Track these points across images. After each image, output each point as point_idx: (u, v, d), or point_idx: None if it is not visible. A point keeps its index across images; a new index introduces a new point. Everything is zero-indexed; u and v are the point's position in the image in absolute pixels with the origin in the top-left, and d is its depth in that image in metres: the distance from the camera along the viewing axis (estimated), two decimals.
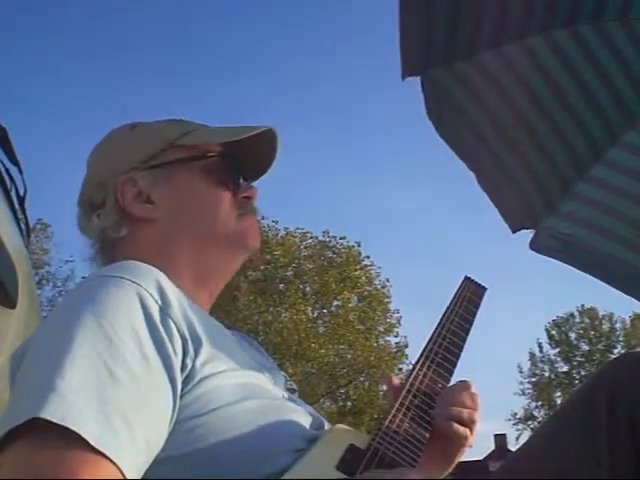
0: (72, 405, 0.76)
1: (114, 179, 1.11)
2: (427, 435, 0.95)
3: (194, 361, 0.89)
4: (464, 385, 1.07)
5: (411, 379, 1.02)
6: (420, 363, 1.06)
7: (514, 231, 2.37)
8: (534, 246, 2.38)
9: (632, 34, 2.02)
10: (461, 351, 1.10)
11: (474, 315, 1.17)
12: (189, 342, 0.89)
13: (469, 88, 2.09)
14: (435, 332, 1.11)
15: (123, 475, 0.76)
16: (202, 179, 1.12)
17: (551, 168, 2.28)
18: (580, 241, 2.34)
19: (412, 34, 1.84)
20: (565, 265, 2.44)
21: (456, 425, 1.02)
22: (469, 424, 1.03)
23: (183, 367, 0.88)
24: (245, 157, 1.16)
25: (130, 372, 0.82)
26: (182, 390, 0.87)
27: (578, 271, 2.41)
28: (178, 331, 0.89)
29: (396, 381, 1.04)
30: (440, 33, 1.90)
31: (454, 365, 1.08)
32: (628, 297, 2.36)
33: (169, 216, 1.10)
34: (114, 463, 0.76)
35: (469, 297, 1.19)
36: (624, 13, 1.98)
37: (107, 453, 0.75)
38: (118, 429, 0.78)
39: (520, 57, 2.04)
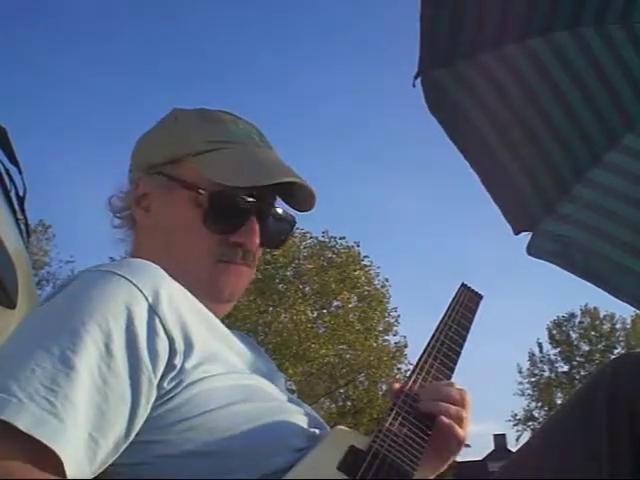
0: (12, 396, 0.76)
1: (136, 172, 1.13)
2: (427, 438, 0.96)
3: (183, 362, 0.88)
4: (450, 382, 1.06)
5: (410, 383, 1.03)
6: (419, 367, 1.07)
7: (517, 233, 2.35)
8: (532, 251, 2.35)
9: (634, 37, 2.02)
10: (458, 357, 1.12)
11: (471, 322, 1.19)
12: (177, 342, 0.88)
13: (470, 89, 2.08)
14: (432, 339, 1.12)
15: (62, 464, 0.75)
16: (193, 209, 1.04)
17: (550, 170, 2.27)
18: (578, 243, 2.32)
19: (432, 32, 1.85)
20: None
21: (450, 420, 0.99)
22: (456, 420, 1.00)
23: (169, 367, 0.86)
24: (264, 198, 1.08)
25: (88, 364, 0.81)
26: (170, 391, 0.86)
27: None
28: (165, 330, 0.87)
29: (396, 386, 1.03)
30: (443, 33, 1.90)
31: (452, 370, 1.09)
32: None
33: (159, 230, 1.08)
34: (53, 450, 0.75)
35: (466, 304, 1.21)
36: (626, 16, 1.98)
37: (43, 440, 0.75)
38: (61, 417, 0.77)
39: (521, 58, 2.04)
